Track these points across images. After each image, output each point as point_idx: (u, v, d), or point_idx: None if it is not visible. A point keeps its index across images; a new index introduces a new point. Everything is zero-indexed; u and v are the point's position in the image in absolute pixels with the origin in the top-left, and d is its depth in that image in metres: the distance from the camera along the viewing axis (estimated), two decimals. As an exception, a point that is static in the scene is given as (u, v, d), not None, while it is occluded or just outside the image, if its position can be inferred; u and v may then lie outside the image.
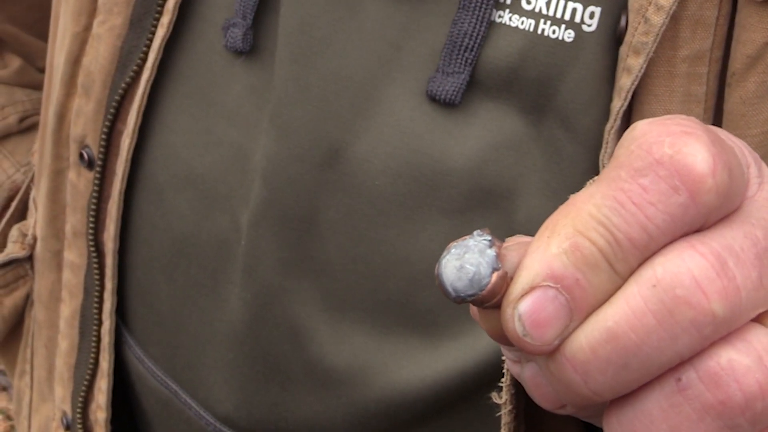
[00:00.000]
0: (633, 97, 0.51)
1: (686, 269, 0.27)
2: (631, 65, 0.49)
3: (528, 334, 0.28)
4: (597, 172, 0.52)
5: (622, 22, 0.50)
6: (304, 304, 0.54)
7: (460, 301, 0.28)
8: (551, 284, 0.27)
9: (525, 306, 0.28)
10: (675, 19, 0.49)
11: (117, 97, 0.59)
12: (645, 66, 0.49)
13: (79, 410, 0.65)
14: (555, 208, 0.31)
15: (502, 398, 0.33)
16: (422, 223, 0.53)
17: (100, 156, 0.61)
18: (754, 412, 0.27)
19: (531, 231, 0.32)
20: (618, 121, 0.49)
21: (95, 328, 0.63)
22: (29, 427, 0.74)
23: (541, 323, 0.28)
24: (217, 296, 0.58)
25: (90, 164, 0.62)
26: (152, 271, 0.61)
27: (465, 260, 0.28)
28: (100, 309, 0.63)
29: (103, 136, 0.60)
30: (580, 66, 0.51)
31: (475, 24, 0.52)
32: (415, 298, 0.53)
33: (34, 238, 0.70)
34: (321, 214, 0.54)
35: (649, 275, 0.27)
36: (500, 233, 0.53)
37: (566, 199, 0.52)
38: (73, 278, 0.65)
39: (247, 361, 0.56)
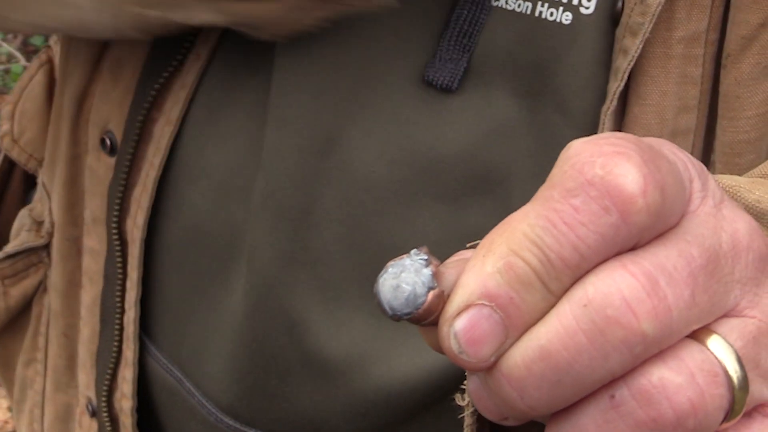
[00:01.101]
0: (629, 78, 0.51)
1: (616, 289, 0.27)
2: (628, 46, 0.49)
3: (464, 352, 0.28)
4: None
5: (619, 4, 0.49)
6: (300, 296, 0.55)
7: (397, 319, 0.29)
8: (486, 302, 0.28)
9: (460, 324, 0.28)
10: (671, 0, 0.49)
11: (157, 85, 0.59)
12: (641, 46, 0.49)
13: (104, 398, 0.66)
14: None
15: (464, 400, 0.34)
16: (418, 209, 0.54)
17: (132, 142, 0.61)
18: (685, 429, 0.27)
19: None
20: (614, 102, 0.50)
21: (117, 316, 0.64)
22: (42, 415, 0.75)
23: (476, 341, 0.28)
24: (228, 285, 0.59)
25: (112, 150, 0.63)
26: (161, 260, 0.63)
27: (401, 279, 0.29)
28: (122, 297, 0.64)
29: (137, 123, 0.60)
30: (577, 49, 0.52)
31: (475, 10, 0.52)
32: None
33: (53, 225, 0.70)
34: (317, 204, 0.55)
35: (580, 295, 0.28)
36: (496, 219, 0.53)
37: None
38: (93, 265, 0.66)
39: (246, 353, 0.58)
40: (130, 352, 0.64)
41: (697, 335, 0.28)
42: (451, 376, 0.54)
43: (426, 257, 0.29)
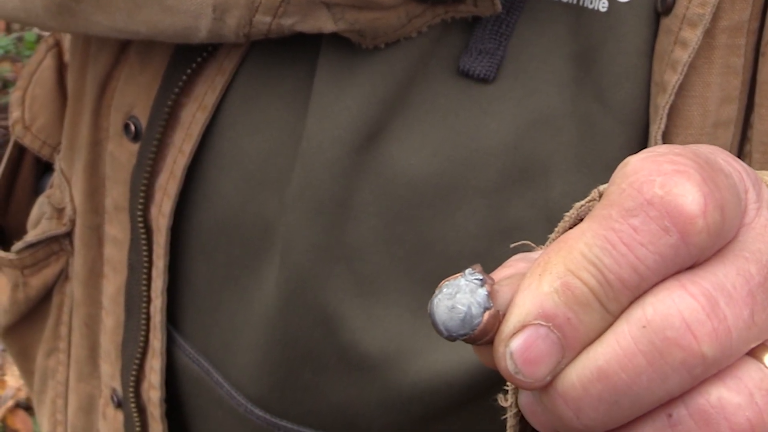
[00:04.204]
0: None
1: (676, 311, 0.28)
2: (687, 38, 0.50)
3: (520, 372, 0.30)
4: (631, 148, 0.53)
5: None
6: (335, 290, 0.56)
7: (453, 339, 0.30)
8: (543, 322, 0.29)
9: (516, 344, 0.30)
10: None
11: (189, 70, 0.59)
12: (701, 38, 0.49)
13: (131, 388, 0.67)
14: (590, 184, 0.32)
15: (507, 401, 0.35)
16: (458, 202, 0.55)
17: (159, 128, 0.61)
18: None
19: (567, 207, 0.34)
20: (672, 97, 0.50)
21: (144, 305, 0.65)
22: (66, 405, 0.76)
23: (532, 361, 0.29)
24: (259, 277, 0.60)
25: (136, 136, 0.63)
26: (189, 249, 0.63)
27: (456, 300, 0.30)
28: (148, 286, 0.65)
29: (166, 108, 0.60)
30: (614, 37, 0.52)
31: None
32: None
33: (75, 212, 0.71)
34: (355, 197, 0.55)
35: (639, 315, 0.29)
36: (537, 212, 0.54)
37: (601, 174, 0.53)
38: (116, 254, 0.67)
39: (278, 347, 0.59)
40: (157, 341, 0.65)
41: (755, 352, 0.29)
42: (488, 373, 0.55)
43: (481, 277, 0.30)
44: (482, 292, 0.30)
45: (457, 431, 0.58)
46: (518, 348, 0.30)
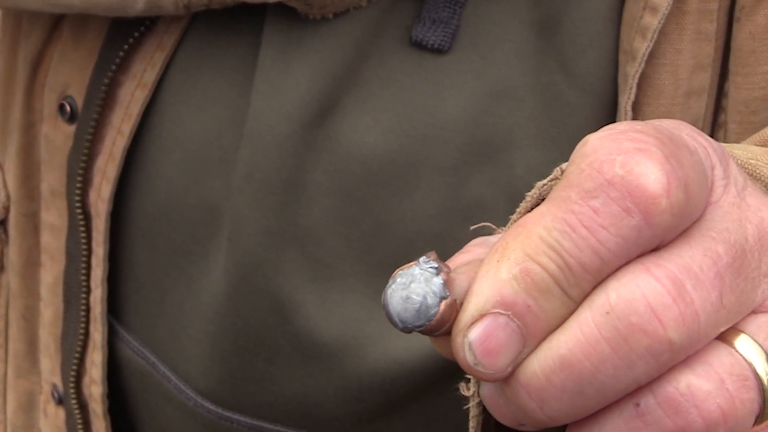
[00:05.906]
0: None
1: (641, 295, 0.28)
2: (657, 3, 0.50)
3: (479, 363, 0.29)
4: (597, 119, 0.53)
5: None
6: (288, 276, 0.56)
7: (408, 331, 0.30)
8: (502, 311, 0.29)
9: (475, 334, 0.29)
10: None
11: (126, 46, 0.58)
12: (671, 3, 0.49)
13: (72, 384, 0.67)
14: (554, 158, 0.32)
15: (470, 390, 0.35)
16: (415, 180, 0.54)
17: (96, 107, 0.60)
18: None
19: (531, 183, 0.33)
20: (642, 65, 0.50)
21: (83, 296, 0.64)
22: (5, 403, 0.75)
23: (492, 351, 0.29)
24: (206, 264, 0.59)
25: (72, 117, 0.62)
26: (130, 236, 0.63)
27: (411, 290, 0.30)
28: (88, 275, 0.64)
29: (102, 87, 0.60)
30: (578, 3, 0.52)
31: None
32: (409, 261, 0.54)
33: (9, 199, 0.70)
34: (307, 177, 0.55)
35: (602, 301, 0.28)
36: (499, 189, 0.54)
37: (565, 148, 0.53)
38: (53, 242, 0.66)
39: (229, 336, 0.58)
40: (98, 334, 0.64)
41: (724, 336, 0.29)
42: (450, 360, 0.55)
43: (436, 265, 0.30)
44: (438, 281, 0.30)
45: (418, 420, 0.58)
46: (477, 338, 0.29)
